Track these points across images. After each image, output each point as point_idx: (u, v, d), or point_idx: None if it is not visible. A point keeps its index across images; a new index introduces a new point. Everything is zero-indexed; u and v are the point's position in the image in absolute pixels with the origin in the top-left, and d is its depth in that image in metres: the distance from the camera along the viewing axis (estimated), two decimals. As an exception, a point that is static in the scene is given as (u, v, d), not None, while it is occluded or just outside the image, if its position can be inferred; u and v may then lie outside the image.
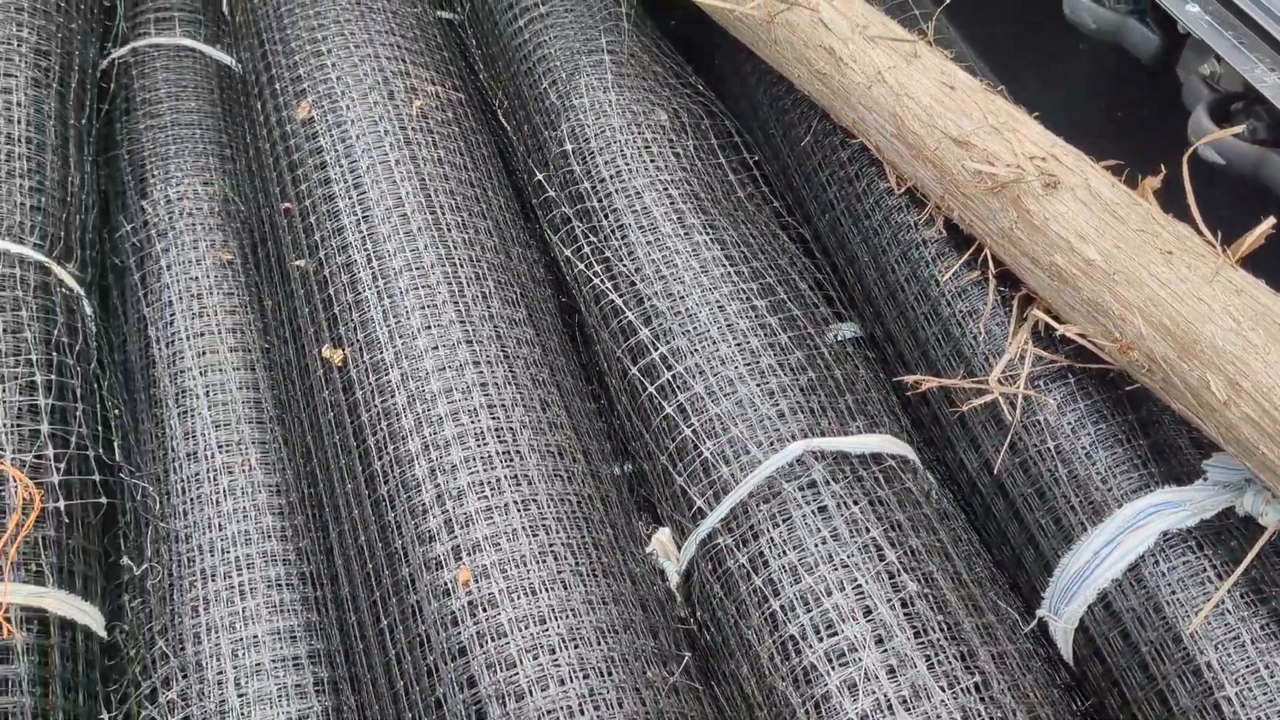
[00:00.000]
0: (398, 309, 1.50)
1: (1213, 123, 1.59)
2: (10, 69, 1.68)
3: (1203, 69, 1.63)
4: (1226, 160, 1.56)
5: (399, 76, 1.80)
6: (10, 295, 1.48)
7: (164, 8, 2.08)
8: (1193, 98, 1.64)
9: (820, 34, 1.69)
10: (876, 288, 1.67)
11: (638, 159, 1.72)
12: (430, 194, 1.64)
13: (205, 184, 1.84)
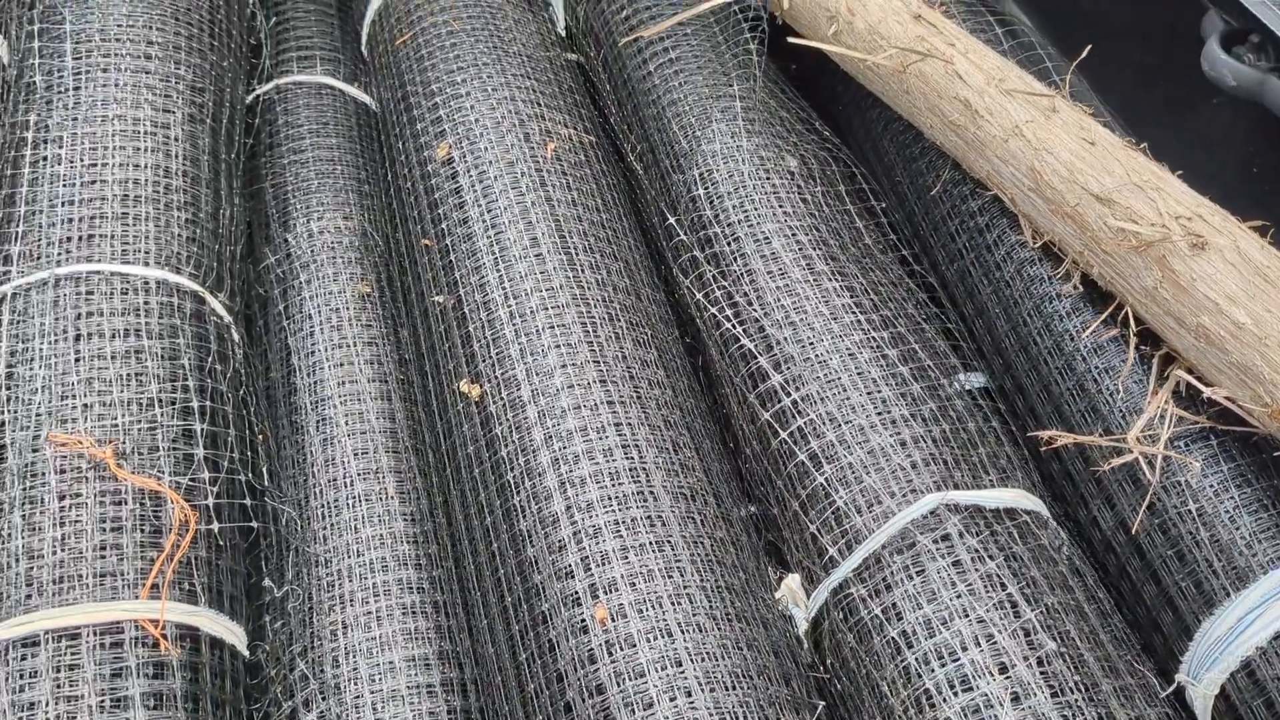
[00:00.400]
0: (534, 346, 1.54)
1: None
2: (169, 105, 1.76)
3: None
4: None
5: (534, 119, 1.85)
6: (168, 323, 1.54)
7: (306, 47, 2.17)
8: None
9: (955, 86, 1.70)
10: (1007, 340, 1.67)
11: (767, 204, 1.74)
12: (565, 235, 1.68)
13: (345, 218, 1.91)
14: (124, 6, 1.82)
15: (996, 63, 1.71)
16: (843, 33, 1.90)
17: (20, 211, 1.59)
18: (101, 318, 1.51)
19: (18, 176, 1.63)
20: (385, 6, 2.09)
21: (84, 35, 1.77)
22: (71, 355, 1.47)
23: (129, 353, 1.49)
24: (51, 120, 1.68)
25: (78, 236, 1.57)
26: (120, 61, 1.76)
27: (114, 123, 1.69)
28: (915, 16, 1.82)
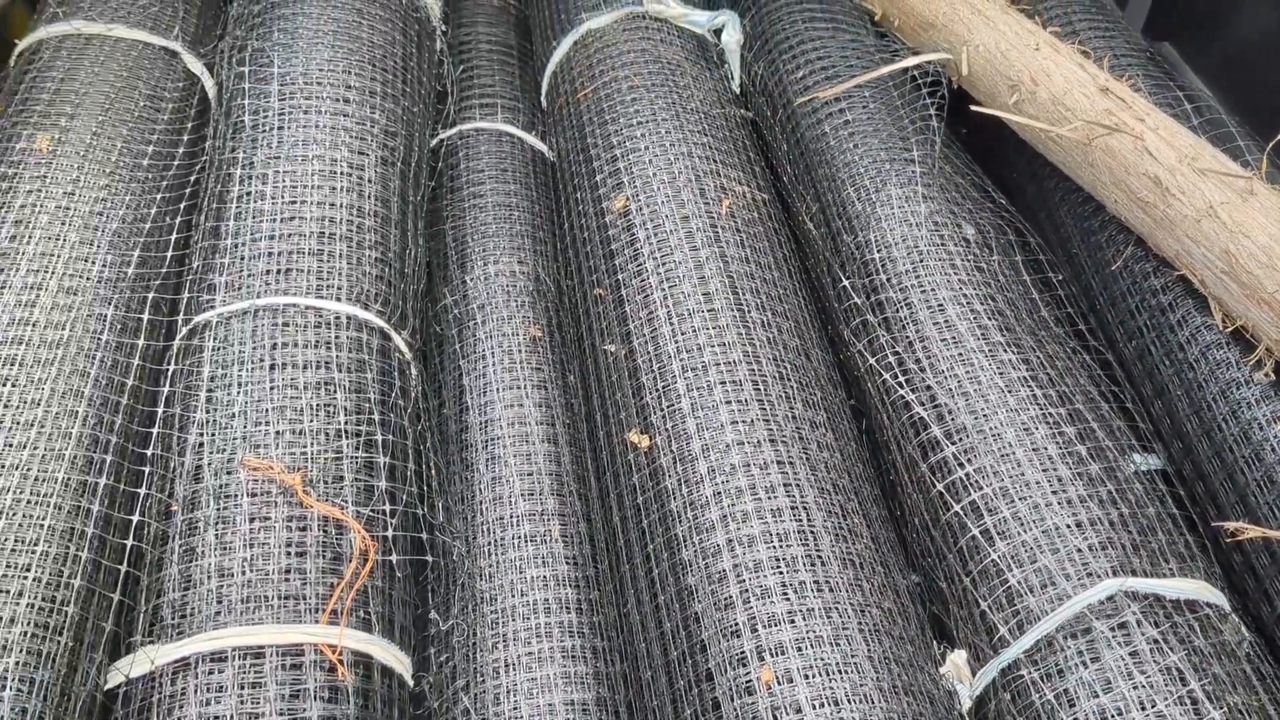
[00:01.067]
0: (706, 401, 1.55)
1: None
2: (364, 148, 1.83)
3: None
4: None
5: (710, 175, 1.88)
6: (356, 357, 1.60)
7: (488, 96, 2.24)
8: None
9: (1144, 162, 1.67)
10: (1189, 423, 1.62)
11: (942, 271, 1.73)
12: (738, 291, 1.70)
13: (520, 262, 1.96)
14: (326, 52, 1.91)
15: (1189, 140, 1.68)
16: (1025, 102, 1.89)
17: (226, 244, 1.67)
18: (295, 349, 1.58)
19: (223, 210, 1.72)
20: (567, 60, 2.15)
21: (289, 78, 1.86)
22: (266, 383, 1.54)
23: (319, 384, 1.55)
24: (256, 158, 1.77)
25: (276, 269, 1.65)
26: (321, 104, 1.84)
27: (313, 162, 1.77)
28: (1102, 89, 1.80)
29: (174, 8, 2.10)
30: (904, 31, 2.24)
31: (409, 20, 2.09)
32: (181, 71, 2.03)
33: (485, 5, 2.49)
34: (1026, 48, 1.94)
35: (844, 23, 2.21)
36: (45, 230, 1.65)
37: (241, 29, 1.98)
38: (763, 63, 2.17)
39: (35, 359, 1.50)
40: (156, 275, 1.72)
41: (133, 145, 1.83)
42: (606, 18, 2.15)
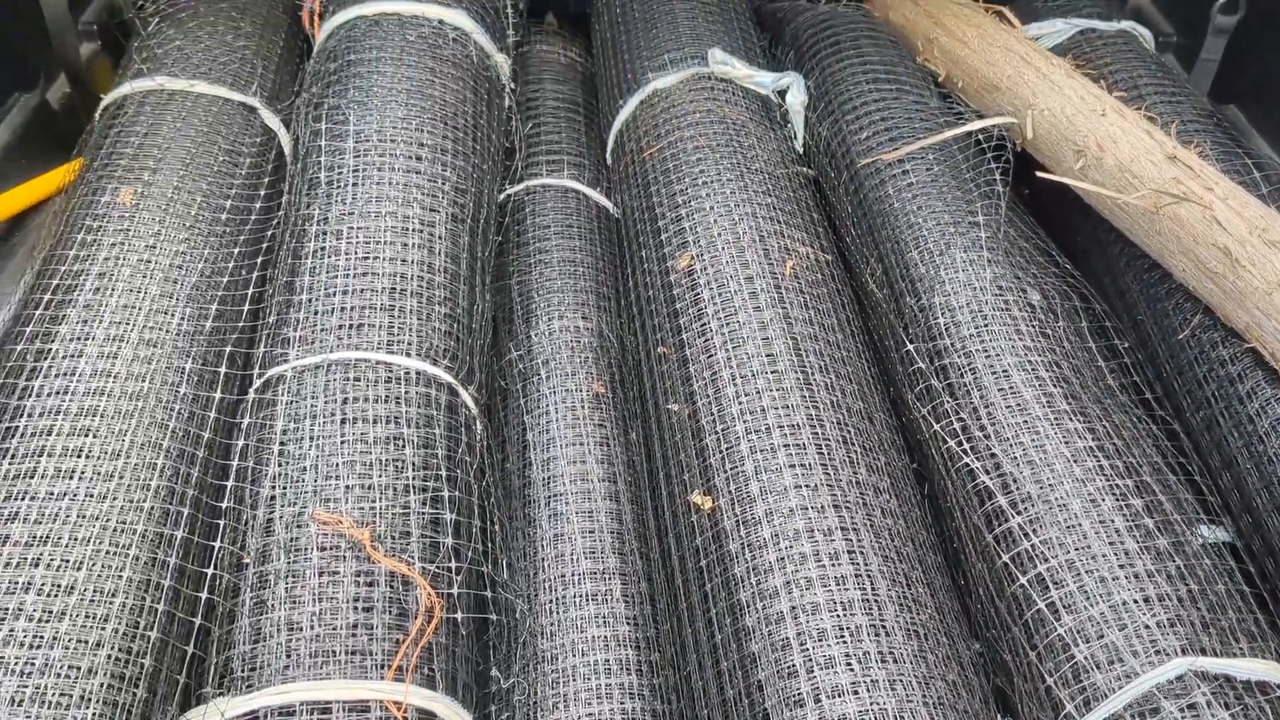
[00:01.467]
0: (769, 464, 1.56)
1: None
2: (435, 205, 1.87)
3: None
4: None
5: (774, 236, 1.89)
6: (425, 413, 1.63)
7: (554, 152, 2.28)
8: None
9: (1213, 232, 1.67)
10: (1259, 498, 1.60)
11: (1007, 337, 1.73)
12: (801, 353, 1.71)
13: (584, 318, 1.98)
14: (400, 110, 1.95)
15: (1259, 211, 1.67)
16: (1090, 168, 1.89)
17: (300, 298, 1.71)
18: (366, 403, 1.61)
19: (298, 265, 1.76)
20: (633, 119, 2.19)
21: (364, 135, 1.91)
22: (337, 437, 1.57)
23: (389, 439, 1.58)
24: (331, 214, 1.81)
25: (349, 324, 1.68)
26: (394, 161, 1.88)
27: (386, 219, 1.81)
28: (1170, 157, 1.80)
29: (253, 65, 2.16)
30: (968, 93, 2.26)
31: (480, 78, 2.13)
32: (259, 126, 2.09)
33: (553, 62, 2.54)
34: (1092, 113, 1.94)
35: (908, 84, 2.23)
36: (128, 283, 1.70)
37: (318, 86, 2.03)
38: (826, 124, 2.19)
39: (116, 411, 1.54)
40: (232, 328, 1.76)
41: (212, 199, 1.89)
42: (673, 78, 2.19)
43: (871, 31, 2.40)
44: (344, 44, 2.08)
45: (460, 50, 2.13)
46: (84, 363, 1.58)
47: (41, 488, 1.44)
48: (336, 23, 2.14)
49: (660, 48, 2.29)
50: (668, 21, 2.35)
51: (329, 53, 2.09)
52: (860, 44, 2.34)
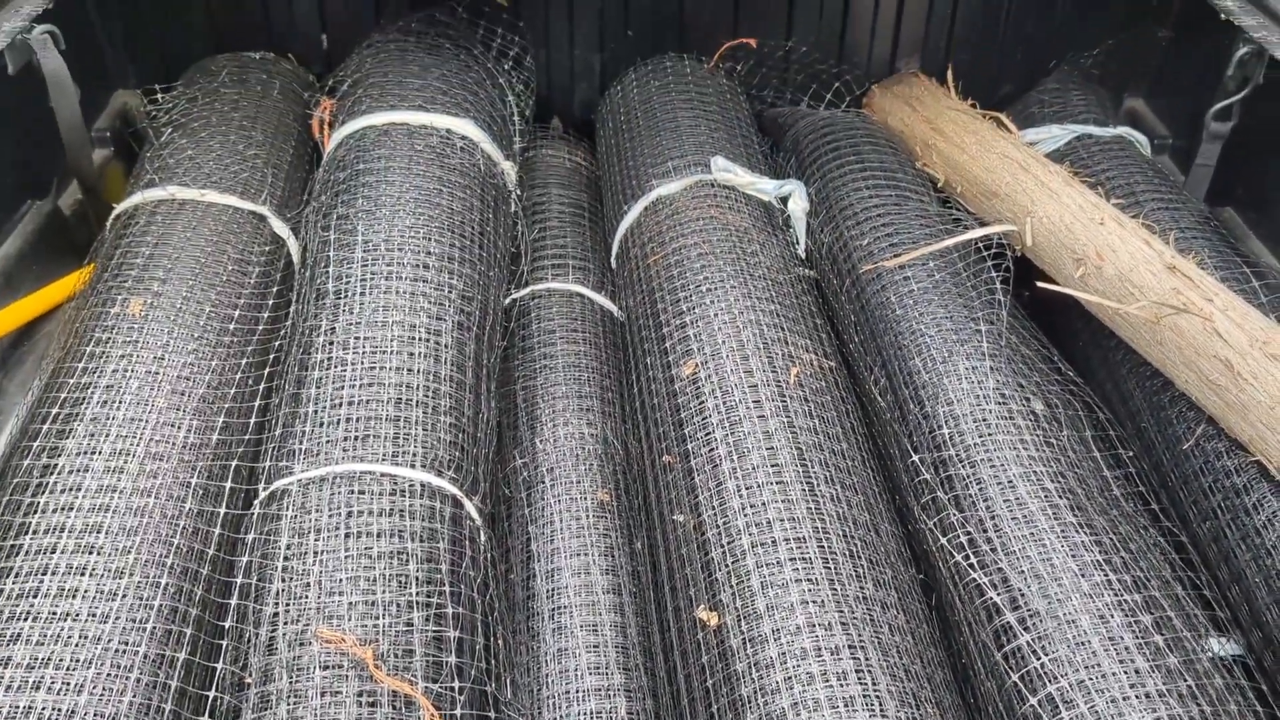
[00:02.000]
0: (776, 579, 1.55)
1: None
2: (442, 313, 1.88)
3: None
4: None
5: (778, 343, 1.91)
6: (429, 526, 1.63)
7: (560, 257, 2.30)
8: None
9: (1214, 344, 1.68)
10: (1268, 612, 1.59)
11: (1011, 447, 1.73)
12: (807, 463, 1.71)
13: (589, 424, 1.99)
14: (408, 219, 1.98)
15: (1260, 323, 1.69)
16: (1090, 276, 1.91)
17: (306, 410, 1.71)
18: (370, 517, 1.60)
19: (304, 376, 1.77)
20: (637, 224, 2.22)
21: (372, 245, 1.93)
22: (341, 552, 1.56)
23: (393, 554, 1.57)
24: (338, 324, 1.82)
25: (354, 436, 1.68)
26: (402, 270, 1.90)
27: (393, 328, 1.82)
28: (1169, 266, 1.81)
29: (263, 173, 2.20)
30: (967, 199, 2.29)
31: (487, 186, 2.17)
32: (268, 235, 2.12)
33: (559, 167, 2.58)
34: (1091, 221, 1.97)
35: (908, 189, 2.27)
36: (135, 396, 1.71)
37: (327, 194, 2.07)
38: (828, 230, 2.22)
39: (121, 527, 1.54)
40: (239, 441, 1.76)
41: (220, 309, 1.90)
42: (676, 185, 2.22)
43: (871, 137, 2.44)
44: (353, 153, 2.11)
45: (468, 159, 2.17)
46: (89, 478, 1.58)
47: (44, 607, 1.43)
48: (346, 132, 2.18)
49: (664, 154, 2.32)
50: (671, 129, 2.40)
51: (338, 162, 2.13)
52: (860, 149, 2.38)
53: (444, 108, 2.22)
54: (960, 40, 2.73)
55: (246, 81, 2.46)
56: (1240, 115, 2.38)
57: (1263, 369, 1.60)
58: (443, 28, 2.48)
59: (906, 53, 2.76)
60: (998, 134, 2.35)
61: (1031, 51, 2.75)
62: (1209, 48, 2.39)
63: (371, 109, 2.19)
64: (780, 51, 2.73)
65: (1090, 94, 2.63)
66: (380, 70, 2.31)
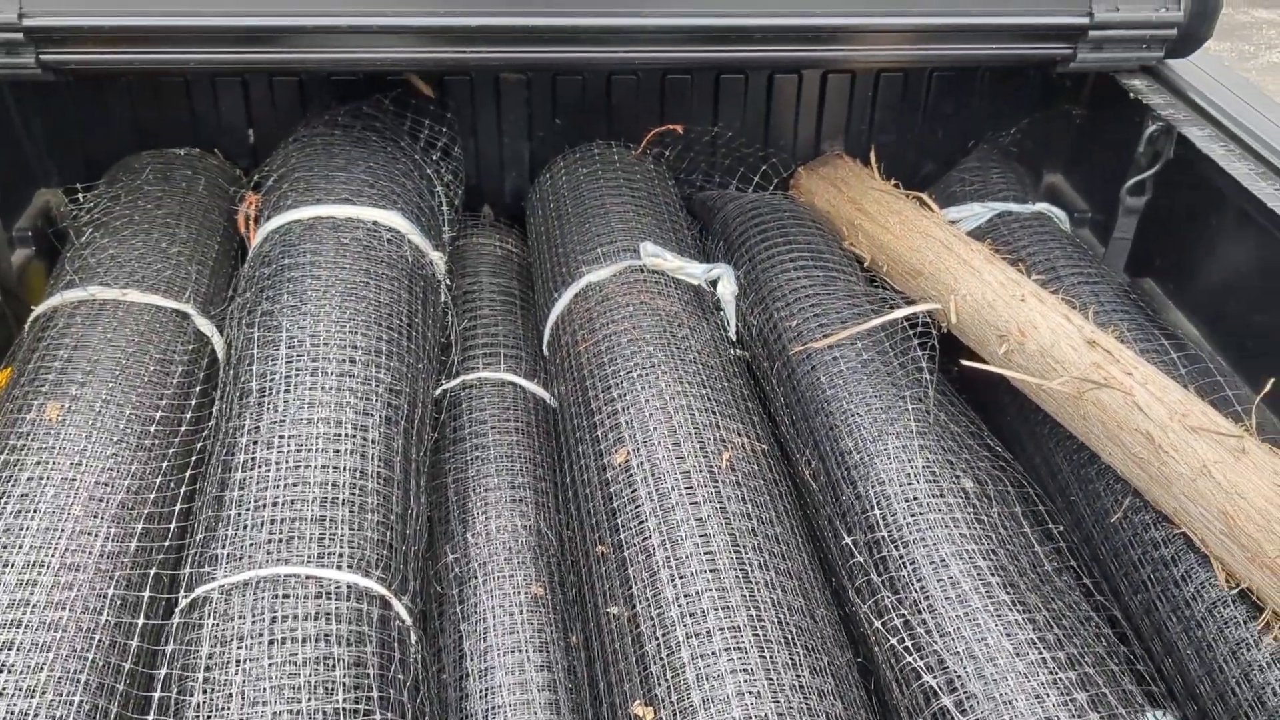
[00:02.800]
0: (711, 671, 1.53)
1: None
2: (368, 408, 1.86)
3: None
4: None
5: (710, 428, 1.90)
6: (356, 629, 1.59)
7: (492, 345, 2.29)
8: None
9: (1136, 418, 1.70)
10: (1201, 685, 1.59)
11: (943, 526, 1.73)
12: (740, 549, 1.70)
13: (522, 516, 1.96)
14: (334, 313, 1.96)
15: (1178, 395, 1.71)
16: (1014, 352, 1.94)
17: (229, 513, 1.68)
18: (295, 622, 1.56)
19: (228, 478, 1.73)
20: (568, 311, 2.22)
21: (296, 341, 1.91)
22: (265, 660, 1.52)
23: (319, 659, 1.53)
24: (262, 423, 1.79)
25: (278, 538, 1.65)
26: (327, 365, 1.88)
27: (318, 425, 1.79)
28: (1089, 342, 1.84)
29: (187, 270, 2.18)
30: (893, 277, 2.32)
31: (415, 277, 2.16)
32: (192, 333, 2.09)
33: (490, 255, 2.58)
34: (1013, 298, 2.00)
35: (835, 270, 2.29)
36: (51, 504, 1.66)
37: (251, 291, 2.04)
38: (758, 312, 2.24)
39: (33, 643, 1.49)
40: (159, 548, 1.72)
41: (141, 411, 1.87)
42: (605, 271, 2.23)
43: (798, 218, 2.47)
44: (278, 248, 2.10)
45: (395, 250, 2.16)
46: (1, 592, 1.53)
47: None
48: (271, 227, 2.17)
49: (593, 241, 2.33)
50: (600, 215, 2.41)
51: (263, 257, 2.11)
52: (788, 231, 2.41)
53: (370, 200, 2.21)
54: (882, 122, 2.79)
55: (171, 178, 2.45)
56: (1154, 189, 2.44)
57: (1183, 441, 1.63)
58: (369, 120, 2.49)
59: (830, 135, 2.81)
60: (921, 213, 2.39)
61: (951, 131, 2.81)
62: (1121, 125, 2.46)
63: (297, 203, 2.18)
64: (707, 136, 2.77)
65: (1010, 171, 2.69)
66: (306, 164, 2.30)
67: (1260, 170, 2.09)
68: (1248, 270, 2.18)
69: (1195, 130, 2.25)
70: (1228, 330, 2.23)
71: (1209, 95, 2.33)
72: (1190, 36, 2.37)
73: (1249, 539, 1.48)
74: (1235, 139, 2.19)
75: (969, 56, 2.45)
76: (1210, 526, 1.56)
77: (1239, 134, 2.19)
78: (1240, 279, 2.21)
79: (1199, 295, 2.34)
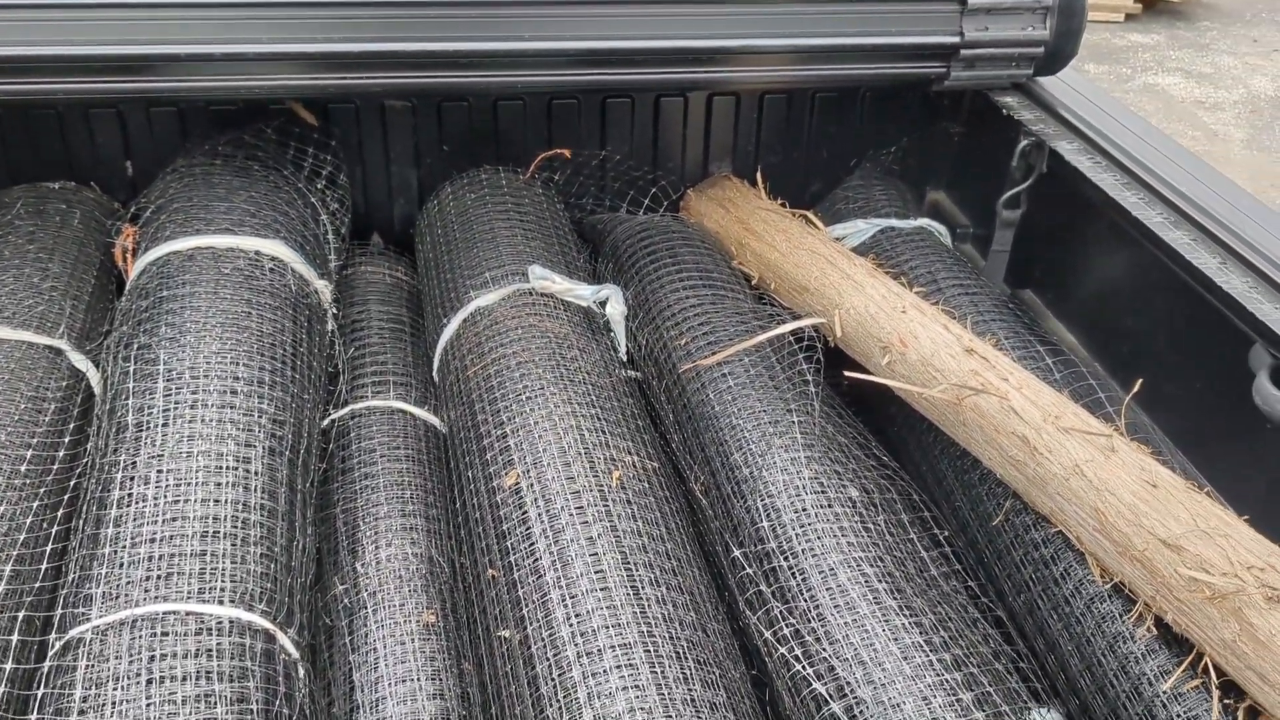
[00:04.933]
0: (602, 690, 1.52)
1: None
2: (251, 440, 1.82)
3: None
4: None
5: (600, 447, 1.90)
6: (239, 665, 1.55)
7: (380, 373, 2.27)
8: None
9: (1012, 421, 1.74)
10: (1082, 679, 1.63)
11: (831, 535, 1.75)
12: (631, 566, 1.70)
13: (413, 544, 1.94)
14: (214, 344, 1.92)
15: (1051, 398, 1.76)
16: (896, 363, 1.97)
17: (104, 551, 1.63)
18: (174, 660, 1.52)
19: (103, 515, 1.68)
20: (457, 337, 2.20)
21: (175, 373, 1.86)
22: (143, 700, 1.47)
23: (199, 697, 1.49)
24: (139, 458, 1.74)
25: (156, 575, 1.60)
26: (208, 398, 1.84)
27: (198, 458, 1.75)
28: (967, 350, 1.89)
29: (61, 305, 2.12)
30: (780, 294, 2.35)
31: (299, 306, 2.13)
32: (66, 369, 2.03)
33: (378, 283, 2.56)
34: (894, 310, 2.04)
35: (723, 289, 2.32)
36: (-86, 548, 1.60)
37: (129, 324, 1.99)
38: (647, 331, 2.25)
39: (-108, 694, 1.42)
40: (29, 590, 1.66)
41: (12, 450, 1.80)
42: (494, 296, 2.22)
43: (687, 239, 2.49)
44: (157, 280, 2.05)
45: (278, 279, 2.13)
46: None
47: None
48: (149, 259, 2.12)
49: (481, 265, 2.33)
50: (488, 240, 2.41)
51: (141, 290, 2.06)
52: (677, 251, 2.43)
53: (252, 229, 2.18)
54: (768, 143, 2.84)
55: (44, 212, 2.38)
56: (1028, 202, 2.51)
57: (1056, 442, 1.67)
58: (251, 149, 2.46)
59: (718, 156, 2.85)
60: (806, 231, 2.43)
61: (835, 151, 2.87)
62: (996, 141, 2.54)
63: (176, 234, 2.14)
64: (595, 160, 2.78)
65: (892, 189, 2.75)
66: (185, 195, 2.26)
67: (1125, 180, 2.17)
68: (1119, 277, 2.26)
69: (1064, 144, 2.33)
70: (1103, 336, 2.30)
71: (1077, 110, 2.42)
72: (1057, 54, 2.46)
73: (1119, 534, 1.53)
74: (1102, 151, 2.28)
75: (849, 77, 2.50)
76: (1084, 524, 1.60)
77: (1105, 147, 2.27)
78: (1112, 286, 2.29)
79: (1075, 303, 2.41)
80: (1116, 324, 2.26)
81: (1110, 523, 1.54)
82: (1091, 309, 2.35)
